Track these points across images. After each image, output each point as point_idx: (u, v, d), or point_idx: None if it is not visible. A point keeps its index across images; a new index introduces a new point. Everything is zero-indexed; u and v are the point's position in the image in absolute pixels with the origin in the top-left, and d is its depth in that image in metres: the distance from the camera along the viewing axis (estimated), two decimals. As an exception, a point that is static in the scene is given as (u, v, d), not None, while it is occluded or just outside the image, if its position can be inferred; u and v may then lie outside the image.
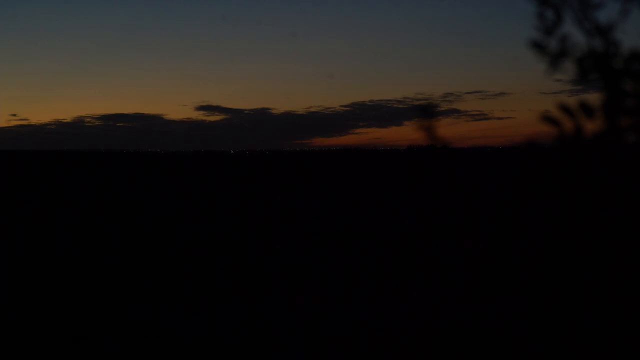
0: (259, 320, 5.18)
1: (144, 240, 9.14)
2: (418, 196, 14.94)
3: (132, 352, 4.52)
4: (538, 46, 1.38)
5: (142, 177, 26.67)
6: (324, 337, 4.77)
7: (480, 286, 5.89)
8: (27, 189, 18.75)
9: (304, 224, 10.79)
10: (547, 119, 1.33)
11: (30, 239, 9.15)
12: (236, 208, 13.54)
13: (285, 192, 17.74)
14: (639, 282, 1.31)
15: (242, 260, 7.59)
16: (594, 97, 1.34)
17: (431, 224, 9.89)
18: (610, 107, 1.32)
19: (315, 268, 7.12)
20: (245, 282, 6.48)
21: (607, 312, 1.32)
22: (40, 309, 5.52)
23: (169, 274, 6.90)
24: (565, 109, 1.32)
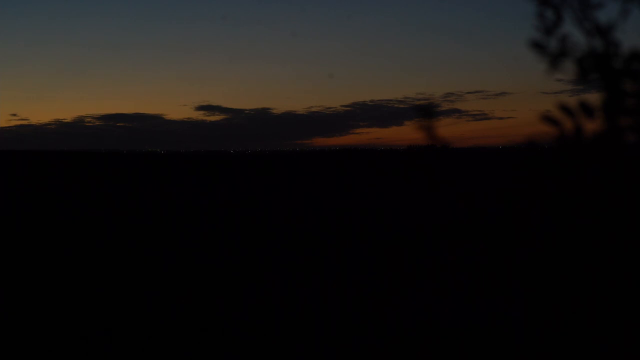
0: (259, 320, 5.18)
1: (144, 240, 9.14)
2: (418, 196, 14.94)
3: (133, 352, 4.52)
4: (538, 46, 1.38)
5: (142, 177, 26.65)
6: (324, 336, 4.77)
7: (480, 286, 5.89)
8: (27, 189, 18.75)
9: (303, 223, 10.78)
10: (547, 119, 1.33)
11: (30, 239, 9.15)
12: (236, 208, 13.54)
13: (286, 192, 17.74)
14: (639, 282, 1.31)
15: (242, 260, 7.59)
16: (594, 97, 1.34)
17: (431, 224, 9.89)
18: (610, 107, 1.32)
19: (315, 268, 7.12)
20: (245, 282, 6.48)
21: (607, 312, 1.32)
22: (40, 309, 5.52)
23: (168, 273, 6.90)
24: (565, 109, 1.32)
